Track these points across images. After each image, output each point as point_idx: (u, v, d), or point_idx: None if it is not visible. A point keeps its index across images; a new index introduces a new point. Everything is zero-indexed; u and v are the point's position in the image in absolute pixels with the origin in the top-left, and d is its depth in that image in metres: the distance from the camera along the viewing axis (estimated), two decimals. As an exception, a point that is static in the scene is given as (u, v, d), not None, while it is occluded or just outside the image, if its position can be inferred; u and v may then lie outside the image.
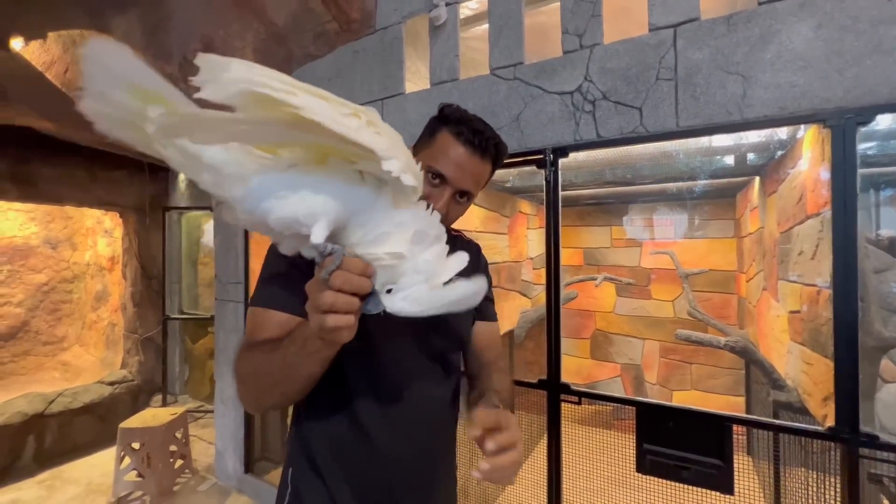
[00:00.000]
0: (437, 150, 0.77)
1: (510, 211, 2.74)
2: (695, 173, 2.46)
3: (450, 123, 0.78)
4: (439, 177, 0.76)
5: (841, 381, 1.15)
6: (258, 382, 0.65)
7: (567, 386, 1.54)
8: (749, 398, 2.99)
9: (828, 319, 1.19)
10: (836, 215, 1.15)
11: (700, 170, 2.39)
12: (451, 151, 0.76)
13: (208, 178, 0.53)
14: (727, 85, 1.30)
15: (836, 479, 1.22)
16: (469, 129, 0.76)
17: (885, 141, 2.01)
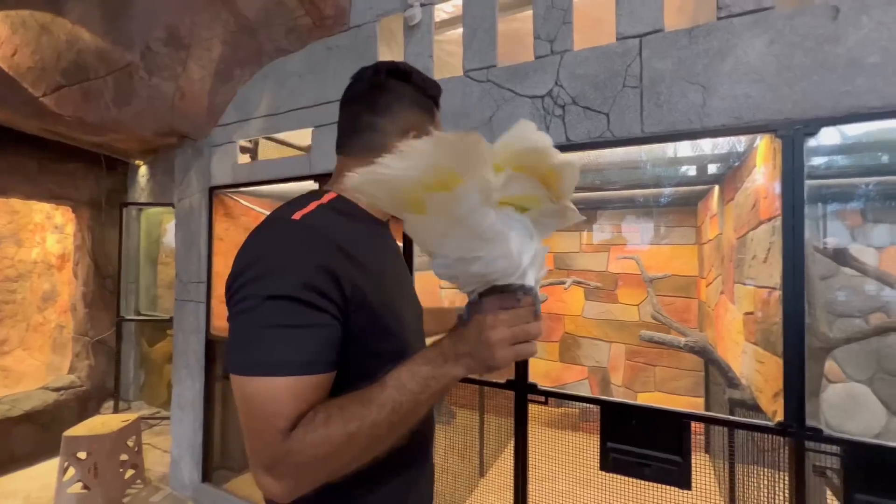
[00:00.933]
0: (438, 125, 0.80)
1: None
2: (659, 181, 2.55)
3: (437, 104, 0.79)
4: None
5: (789, 377, 1.21)
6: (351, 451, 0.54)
7: (534, 386, 1.55)
8: (708, 398, 3.11)
9: (778, 320, 1.26)
10: (786, 221, 1.22)
11: (664, 178, 2.48)
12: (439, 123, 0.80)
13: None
14: (688, 94, 1.35)
15: (786, 474, 1.28)
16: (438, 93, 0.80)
17: (832, 156, 2.16)
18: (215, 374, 2.50)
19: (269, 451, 0.53)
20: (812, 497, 1.25)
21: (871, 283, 2.62)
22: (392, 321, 0.67)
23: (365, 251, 0.65)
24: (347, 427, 0.52)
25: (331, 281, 0.57)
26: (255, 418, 0.53)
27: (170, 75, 2.24)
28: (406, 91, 0.73)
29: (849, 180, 2.27)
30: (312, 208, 0.65)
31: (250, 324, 0.55)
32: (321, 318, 0.56)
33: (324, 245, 0.59)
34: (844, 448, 1.17)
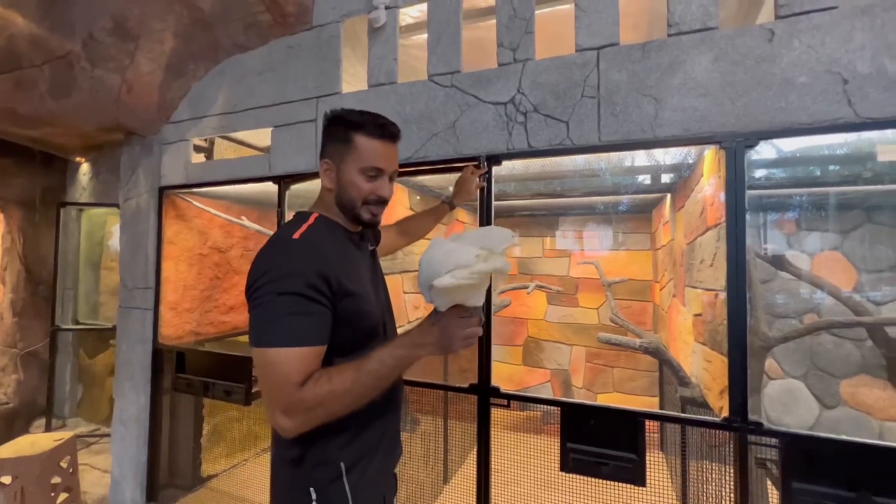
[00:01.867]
0: (363, 153, 0.93)
1: (448, 218, 2.76)
2: (616, 189, 2.66)
3: (360, 127, 0.93)
4: (377, 171, 0.94)
5: (733, 374, 1.28)
6: (344, 400, 0.79)
7: (496, 389, 1.56)
8: (662, 398, 3.25)
9: (724, 320, 1.33)
10: (729, 227, 1.30)
11: (621, 186, 2.59)
12: (377, 149, 0.93)
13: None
14: (642, 105, 1.42)
15: (731, 468, 1.34)
16: (377, 125, 0.93)
17: (770, 168, 2.33)
18: (163, 386, 2.34)
19: (287, 398, 0.77)
20: (755, 488, 1.32)
21: (805, 287, 2.84)
22: (366, 305, 0.92)
23: (345, 255, 0.93)
24: (344, 384, 0.78)
25: (324, 281, 0.82)
26: (275, 376, 0.77)
27: (115, 67, 2.11)
28: (331, 130, 0.96)
29: (785, 191, 2.46)
30: (304, 229, 0.89)
31: (270, 312, 0.79)
32: (319, 308, 0.82)
33: (317, 255, 0.84)
34: (782, 440, 1.24)
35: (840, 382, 2.84)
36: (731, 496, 1.32)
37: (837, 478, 1.19)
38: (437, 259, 0.74)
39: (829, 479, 1.20)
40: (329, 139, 0.96)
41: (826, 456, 1.20)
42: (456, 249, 0.75)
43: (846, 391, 2.83)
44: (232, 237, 2.82)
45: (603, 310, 3.39)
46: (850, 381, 2.81)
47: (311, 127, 1.96)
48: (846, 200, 2.80)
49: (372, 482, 0.93)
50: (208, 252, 2.67)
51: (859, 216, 2.83)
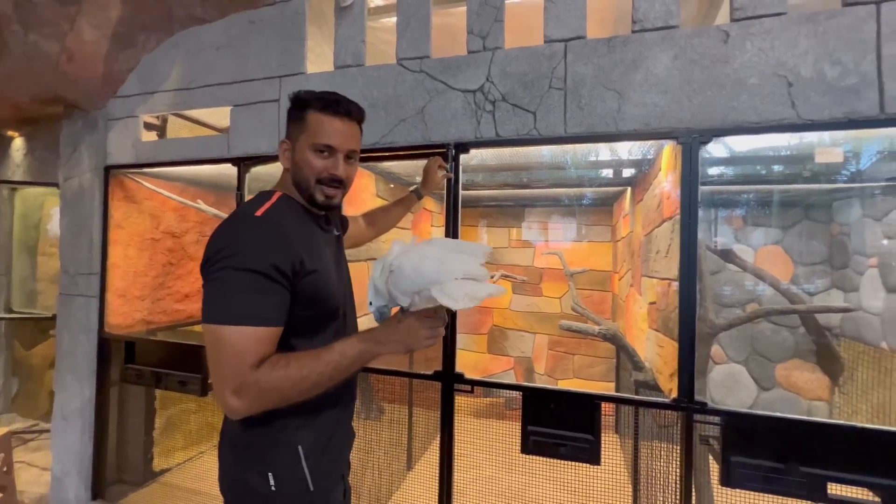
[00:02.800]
0: (313, 129, 0.90)
1: (416, 207, 2.75)
2: (580, 182, 2.73)
3: (312, 103, 0.91)
4: (327, 148, 0.91)
5: (683, 358, 1.36)
6: (300, 387, 0.77)
7: (460, 376, 1.58)
8: (618, 382, 3.41)
9: (676, 308, 1.40)
10: (683, 219, 1.36)
11: (585, 179, 2.66)
12: (327, 124, 0.90)
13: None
14: (606, 99, 1.45)
15: (678, 445, 1.43)
16: (329, 101, 0.91)
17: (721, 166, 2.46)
18: (110, 378, 2.21)
19: (239, 378, 0.74)
20: (699, 463, 1.42)
21: (749, 278, 3.05)
22: (329, 285, 0.91)
23: (308, 234, 0.91)
24: (301, 371, 0.77)
25: (285, 261, 0.80)
26: (228, 354, 0.75)
27: (53, 32, 1.93)
28: (290, 110, 0.95)
29: (734, 188, 2.61)
30: (267, 206, 0.86)
31: (227, 288, 0.76)
32: (278, 288, 0.79)
33: (279, 233, 0.82)
34: (723, 418, 1.34)
35: (776, 366, 3.08)
36: (678, 471, 1.41)
37: (770, 451, 1.30)
38: (431, 267, 0.74)
39: (763, 453, 1.30)
40: (288, 120, 0.95)
41: (760, 431, 1.30)
42: (446, 259, 0.76)
43: (781, 374, 3.07)
44: (187, 221, 2.68)
45: (565, 299, 3.50)
46: (785, 364, 3.06)
47: (273, 107, 1.88)
48: (787, 198, 3.02)
49: (330, 465, 0.93)
50: (161, 237, 2.53)
51: (798, 213, 3.05)
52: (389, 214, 1.51)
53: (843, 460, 1.24)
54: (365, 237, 1.44)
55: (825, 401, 2.98)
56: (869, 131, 1.35)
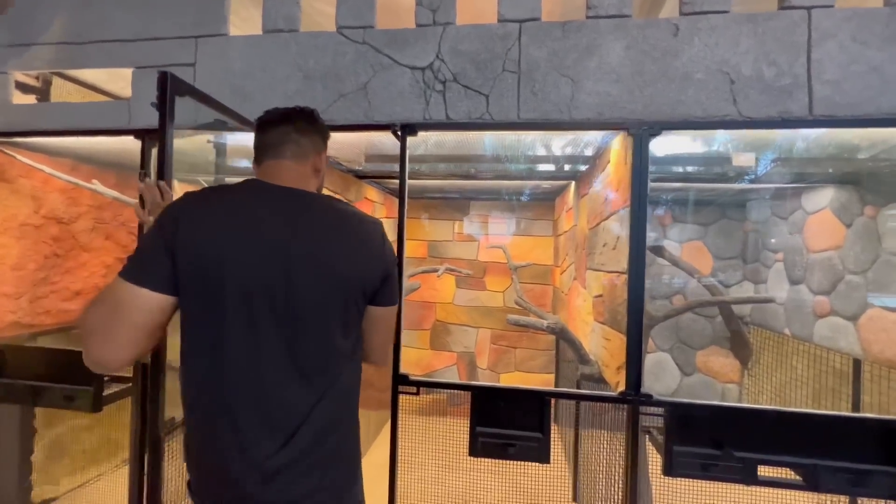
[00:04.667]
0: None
1: (355, 195, 2.57)
2: (526, 174, 2.71)
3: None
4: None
5: (631, 351, 1.36)
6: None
7: (405, 377, 1.47)
8: (558, 374, 3.49)
9: (624, 300, 1.40)
10: (633, 210, 1.35)
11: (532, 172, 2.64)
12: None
13: None
14: (560, 86, 1.40)
15: (623, 437, 1.44)
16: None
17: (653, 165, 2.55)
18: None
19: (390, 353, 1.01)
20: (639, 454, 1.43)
21: (676, 272, 3.25)
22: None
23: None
24: None
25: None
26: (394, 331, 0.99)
27: None
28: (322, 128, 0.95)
29: (664, 185, 2.74)
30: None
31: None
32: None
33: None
34: (667, 409, 1.36)
35: (696, 353, 3.33)
36: (623, 462, 1.41)
37: (708, 439, 1.34)
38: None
39: (702, 441, 1.34)
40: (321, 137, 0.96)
41: (699, 420, 1.34)
42: None
43: (700, 360, 3.33)
44: (79, 205, 2.27)
45: (508, 293, 3.51)
46: (704, 351, 3.32)
47: (188, 72, 1.61)
48: (707, 198, 3.25)
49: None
50: (43, 223, 2.11)
51: (717, 212, 3.31)
52: None
53: (771, 443, 1.31)
54: None
55: (737, 383, 3.28)
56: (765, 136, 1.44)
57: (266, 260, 0.76)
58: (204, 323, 0.75)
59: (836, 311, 2.32)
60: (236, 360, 0.74)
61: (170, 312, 0.76)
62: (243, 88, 1.58)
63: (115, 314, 0.71)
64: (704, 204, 3.35)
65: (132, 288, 0.71)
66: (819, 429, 1.28)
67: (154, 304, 0.72)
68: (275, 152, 0.88)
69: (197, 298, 0.74)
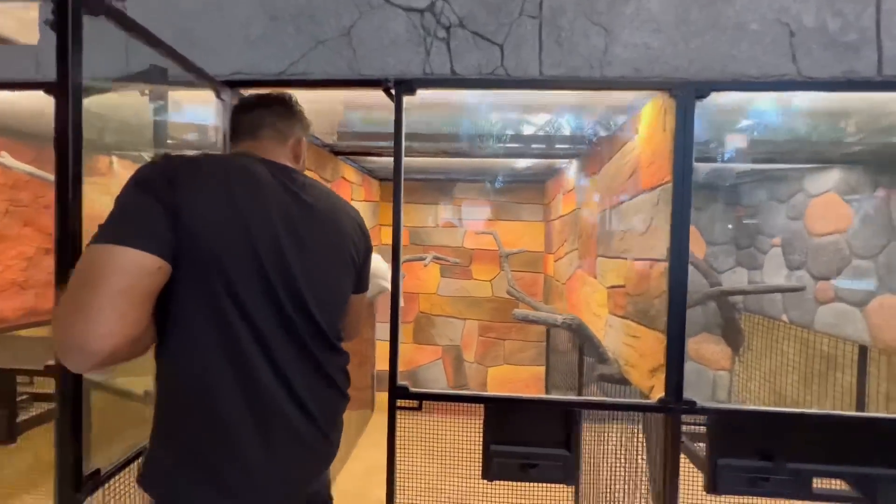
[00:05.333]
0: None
1: (331, 174, 2.25)
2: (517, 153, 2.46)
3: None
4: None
5: (672, 353, 1.16)
6: None
7: (404, 388, 1.21)
8: (548, 366, 3.34)
9: (662, 293, 1.20)
10: (676, 187, 1.14)
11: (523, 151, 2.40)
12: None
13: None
14: (591, 36, 1.16)
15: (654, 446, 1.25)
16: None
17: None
18: None
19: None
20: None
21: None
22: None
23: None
24: None
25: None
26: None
27: None
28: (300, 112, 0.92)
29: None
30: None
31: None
32: None
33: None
34: (711, 417, 1.18)
35: (688, 341, 3.25)
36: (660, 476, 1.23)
37: (755, 450, 1.17)
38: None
39: (748, 452, 1.17)
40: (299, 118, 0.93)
41: (746, 429, 1.17)
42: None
43: (692, 348, 3.25)
44: (-15, 184, 1.84)
45: (496, 282, 3.30)
46: (695, 339, 3.24)
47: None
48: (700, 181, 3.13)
49: None
50: (-65, 205, 1.68)
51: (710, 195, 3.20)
52: None
53: (822, 452, 1.16)
54: None
55: (727, 370, 3.23)
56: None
57: (275, 226, 0.71)
58: (210, 291, 0.65)
59: (840, 297, 2.24)
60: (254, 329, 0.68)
61: (159, 281, 0.62)
62: (191, 32, 1.25)
63: (89, 281, 0.57)
64: (696, 187, 3.23)
65: (110, 248, 0.58)
66: (877, 434, 1.14)
67: (140, 265, 0.59)
68: (252, 134, 0.85)
69: (203, 265, 0.65)
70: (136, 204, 0.62)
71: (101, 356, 0.56)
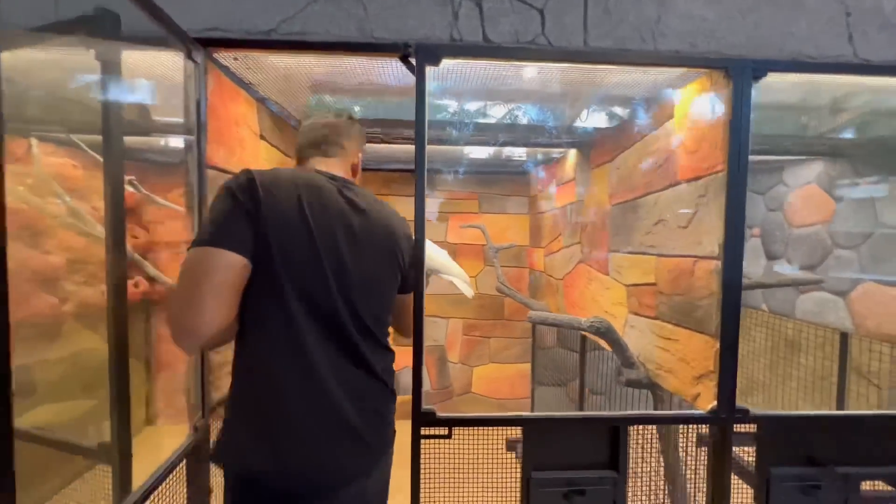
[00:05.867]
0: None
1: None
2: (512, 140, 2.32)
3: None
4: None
5: (726, 358, 1.06)
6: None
7: (431, 414, 1.03)
8: (534, 363, 3.26)
9: (711, 293, 1.09)
10: (732, 175, 1.04)
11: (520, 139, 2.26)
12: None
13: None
14: (642, 2, 1.02)
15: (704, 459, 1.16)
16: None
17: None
18: None
19: None
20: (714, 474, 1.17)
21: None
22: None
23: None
24: None
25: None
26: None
27: None
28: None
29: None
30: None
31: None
32: None
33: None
34: (761, 424, 1.10)
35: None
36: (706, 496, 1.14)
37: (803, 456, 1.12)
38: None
39: (797, 459, 1.11)
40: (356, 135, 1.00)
41: (795, 434, 1.11)
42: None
43: (671, 338, 3.29)
44: None
45: (482, 277, 3.16)
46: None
47: (37, -63, 0.94)
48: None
49: None
50: None
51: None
52: None
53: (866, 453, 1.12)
54: None
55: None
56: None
57: (335, 232, 0.81)
58: (279, 287, 0.76)
59: (822, 286, 2.31)
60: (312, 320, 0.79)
61: (244, 277, 0.74)
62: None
63: (196, 279, 0.71)
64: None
65: (208, 250, 0.71)
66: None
67: (231, 263, 0.72)
68: (318, 150, 0.94)
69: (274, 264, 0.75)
70: (225, 211, 0.74)
71: (205, 338, 0.71)
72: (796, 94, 1.49)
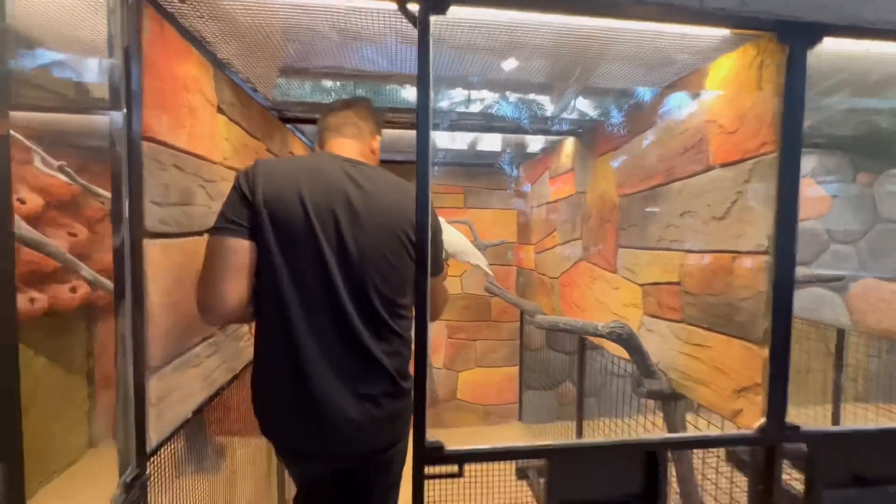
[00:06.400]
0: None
1: (279, 146, 1.73)
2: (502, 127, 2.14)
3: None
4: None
5: (777, 370, 0.92)
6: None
7: (439, 448, 0.84)
8: (521, 365, 3.11)
9: (755, 293, 0.95)
10: (785, 157, 0.89)
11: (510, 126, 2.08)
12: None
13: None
14: (686, -52, 0.85)
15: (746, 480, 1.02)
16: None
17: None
18: None
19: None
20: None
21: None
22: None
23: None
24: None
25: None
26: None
27: None
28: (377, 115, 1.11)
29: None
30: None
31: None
32: None
33: None
34: (811, 442, 0.97)
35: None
36: (749, 523, 1.00)
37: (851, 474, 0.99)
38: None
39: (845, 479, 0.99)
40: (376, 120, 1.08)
41: (848, 452, 0.98)
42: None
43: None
44: None
45: (467, 277, 2.98)
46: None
47: None
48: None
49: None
50: None
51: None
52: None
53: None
54: None
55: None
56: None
57: (335, 210, 0.87)
58: (280, 263, 0.85)
59: (817, 283, 2.26)
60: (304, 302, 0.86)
61: (251, 257, 0.85)
62: None
63: (210, 263, 0.84)
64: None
65: (215, 237, 0.84)
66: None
67: (234, 247, 0.83)
68: (338, 132, 1.01)
69: (275, 242, 0.85)
70: (229, 199, 0.86)
71: (225, 313, 0.85)
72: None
